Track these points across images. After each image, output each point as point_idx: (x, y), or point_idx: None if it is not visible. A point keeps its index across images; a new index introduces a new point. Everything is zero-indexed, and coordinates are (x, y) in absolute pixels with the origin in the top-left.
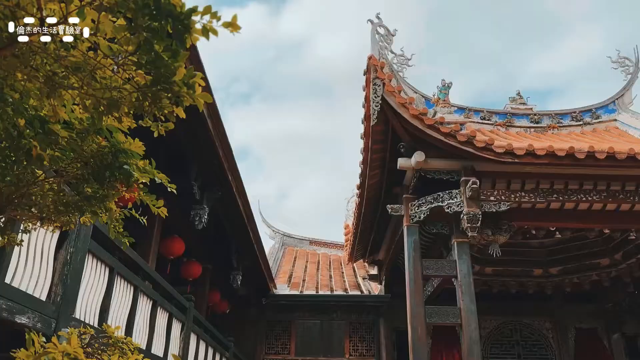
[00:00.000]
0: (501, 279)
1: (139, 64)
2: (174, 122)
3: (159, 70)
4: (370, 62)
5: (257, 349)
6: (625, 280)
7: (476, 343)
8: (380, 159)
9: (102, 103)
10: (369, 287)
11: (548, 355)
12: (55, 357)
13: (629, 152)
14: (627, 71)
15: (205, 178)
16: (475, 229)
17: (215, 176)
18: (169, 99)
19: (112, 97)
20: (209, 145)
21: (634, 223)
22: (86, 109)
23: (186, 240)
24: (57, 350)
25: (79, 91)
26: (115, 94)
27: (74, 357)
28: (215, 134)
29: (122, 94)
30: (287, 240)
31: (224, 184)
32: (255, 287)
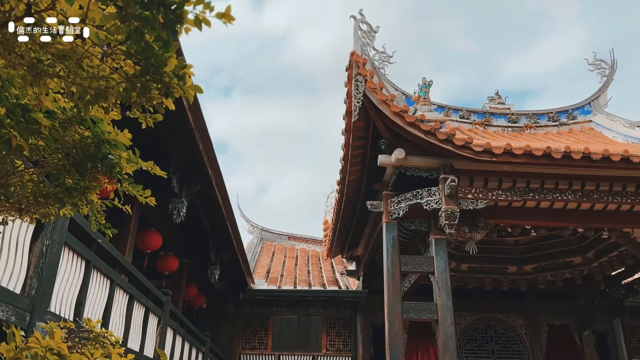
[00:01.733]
0: (476, 275)
1: (128, 53)
2: (163, 113)
3: (149, 61)
4: (352, 58)
5: (233, 344)
6: (597, 278)
7: (452, 338)
8: (360, 155)
9: (90, 93)
10: (346, 283)
11: (521, 351)
12: (38, 352)
13: (604, 153)
14: (602, 73)
15: (185, 171)
16: (453, 226)
17: (195, 169)
18: (158, 90)
19: (99, 86)
20: (188, 137)
21: (606, 222)
22: (72, 98)
23: (163, 234)
24: (39, 345)
25: (65, 80)
26: (102, 83)
27: (57, 352)
28: (196, 127)
29: (109, 83)
30: (265, 235)
31: (204, 178)
32: (233, 282)
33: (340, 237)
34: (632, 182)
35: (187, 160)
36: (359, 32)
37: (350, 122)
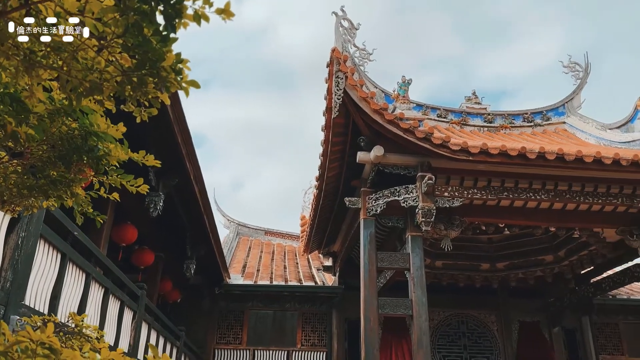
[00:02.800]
0: (450, 272)
1: (125, 46)
2: (158, 108)
3: (146, 55)
4: (333, 54)
5: (208, 339)
6: (567, 276)
7: (426, 334)
8: (340, 152)
9: (84, 85)
10: (323, 278)
11: (492, 347)
12: (29, 347)
13: (577, 154)
14: (577, 76)
15: (162, 164)
16: (429, 223)
17: (173, 163)
18: (155, 84)
19: (94, 79)
20: (167, 130)
21: (578, 222)
22: (64, 89)
23: (139, 228)
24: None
25: (59, 71)
26: (96, 75)
27: (49, 346)
28: (175, 119)
29: (104, 76)
30: (242, 230)
31: (182, 171)
32: (209, 276)
33: (317, 233)
34: (603, 183)
35: (165, 153)
36: (340, 28)
37: (330, 119)
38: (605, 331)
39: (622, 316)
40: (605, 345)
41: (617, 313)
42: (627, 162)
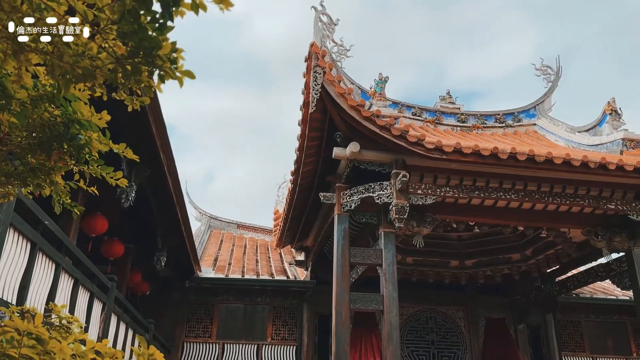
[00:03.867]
0: (420, 268)
1: (121, 33)
2: (151, 97)
3: (141, 43)
4: (312, 49)
5: (176, 332)
6: (534, 274)
7: (396, 329)
8: (316, 147)
9: (77, 72)
10: (295, 273)
11: (459, 342)
12: (14, 337)
13: (547, 155)
14: (548, 79)
15: (135, 154)
16: (403, 220)
17: (146, 153)
18: (149, 73)
19: (87, 66)
20: (141, 120)
21: (546, 222)
22: (53, 75)
23: (110, 218)
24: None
25: (50, 56)
26: (87, 62)
27: (36, 336)
28: (150, 109)
29: (96, 63)
30: (213, 223)
31: (155, 162)
32: (179, 269)
33: (291, 227)
34: (571, 184)
35: (139, 143)
36: (319, 23)
37: (307, 114)
38: (568, 329)
39: (585, 314)
40: (567, 343)
41: (579, 311)
42: (595, 164)
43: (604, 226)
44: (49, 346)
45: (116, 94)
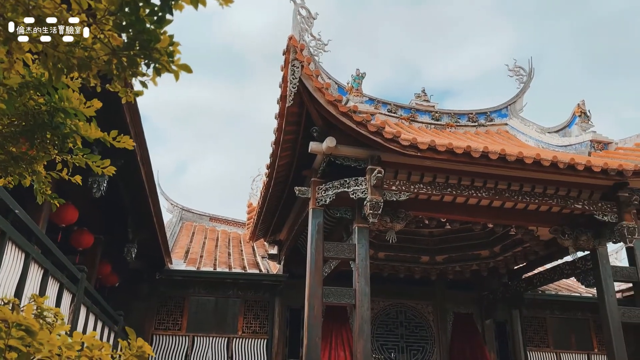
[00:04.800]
0: (392, 263)
1: (119, 25)
2: (147, 89)
3: (139, 35)
4: (290, 42)
5: (146, 324)
6: (501, 271)
7: (367, 323)
8: (292, 141)
9: (71, 61)
10: (267, 266)
11: (428, 336)
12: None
13: (518, 155)
14: (520, 80)
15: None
16: (377, 215)
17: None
18: (147, 66)
19: (83, 56)
20: (115, 109)
21: (515, 220)
22: (45, 64)
23: (80, 208)
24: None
25: (44, 45)
26: (79, 52)
27: (26, 327)
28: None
29: (90, 53)
30: (185, 215)
31: (128, 152)
32: (150, 261)
33: (265, 220)
34: (540, 184)
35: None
36: (298, 16)
37: (284, 107)
38: (533, 324)
39: (550, 311)
40: (532, 338)
41: (545, 308)
42: (564, 165)
43: (570, 225)
44: (37, 337)
45: (110, 86)
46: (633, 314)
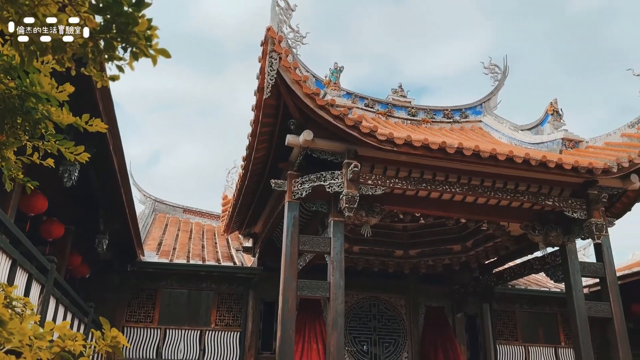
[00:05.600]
0: (366, 257)
1: (95, 7)
2: (123, 73)
3: (116, 18)
4: (268, 34)
5: (117, 316)
6: (473, 265)
7: (341, 316)
8: (269, 133)
9: (46, 43)
10: (242, 259)
11: (400, 329)
12: None
13: (492, 151)
14: (495, 77)
15: (79, 132)
16: (352, 209)
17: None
18: (124, 49)
19: (58, 38)
20: (88, 96)
21: (487, 215)
22: (17, 46)
23: (50, 197)
24: None
25: (16, 25)
26: (54, 34)
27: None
28: (97, 85)
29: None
30: (158, 206)
31: (100, 140)
32: (122, 252)
33: (240, 213)
34: (512, 180)
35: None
36: (277, 7)
37: (262, 99)
38: (503, 318)
39: (519, 305)
40: (502, 331)
41: (514, 302)
42: (536, 162)
43: (541, 221)
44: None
45: (85, 69)
46: (599, 308)
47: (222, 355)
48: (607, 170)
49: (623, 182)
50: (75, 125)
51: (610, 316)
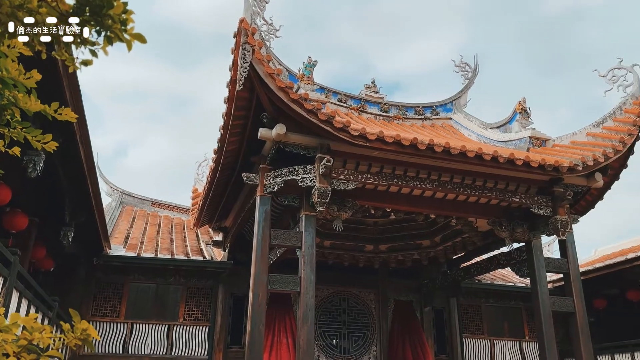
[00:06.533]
0: (337, 252)
1: None
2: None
3: (92, 0)
4: (241, 25)
5: (82, 311)
6: (441, 260)
7: (311, 310)
8: (241, 126)
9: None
10: (211, 253)
11: (369, 323)
12: None
13: (461, 148)
14: (466, 76)
15: (45, 121)
16: (324, 204)
17: (58, 120)
18: (97, 33)
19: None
20: (54, 84)
21: (456, 211)
22: None
23: (13, 188)
24: None
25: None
26: (23, 15)
27: None
28: (64, 72)
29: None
30: (126, 199)
31: (67, 130)
32: (88, 245)
33: (210, 206)
34: (480, 177)
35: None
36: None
37: (234, 91)
38: (469, 312)
39: (485, 299)
40: (468, 325)
41: (480, 296)
42: (504, 159)
43: (507, 218)
44: None
45: (56, 53)
46: (563, 303)
47: (190, 350)
48: (573, 169)
49: (588, 180)
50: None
51: (573, 311)
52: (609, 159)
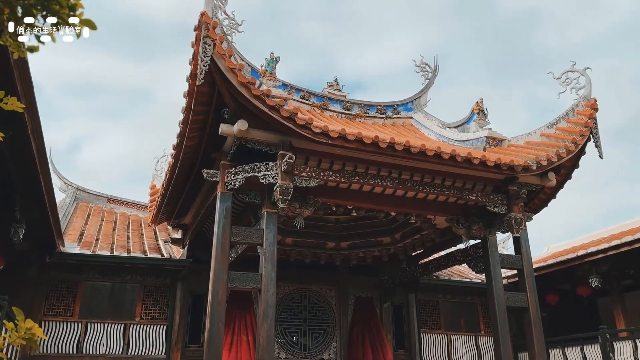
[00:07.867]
0: (298, 249)
1: None
2: (43, 44)
3: None
4: (202, 19)
5: (34, 310)
6: (401, 257)
7: (272, 307)
8: (201, 122)
9: None
10: (170, 251)
11: (330, 319)
12: None
13: (421, 147)
14: (426, 76)
15: None
16: (286, 201)
17: (8, 113)
18: (44, 18)
19: None
20: (5, 75)
21: (415, 208)
22: None
23: None
24: None
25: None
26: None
27: None
28: (15, 64)
29: None
30: (80, 195)
31: (18, 123)
32: (40, 243)
33: (169, 203)
34: (439, 175)
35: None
36: None
37: (194, 86)
38: (427, 308)
39: (442, 295)
40: (426, 320)
41: (438, 292)
42: (462, 158)
43: (465, 215)
44: None
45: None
46: (517, 298)
47: (147, 350)
48: (527, 168)
49: (541, 180)
50: None
51: (527, 306)
52: (561, 158)
